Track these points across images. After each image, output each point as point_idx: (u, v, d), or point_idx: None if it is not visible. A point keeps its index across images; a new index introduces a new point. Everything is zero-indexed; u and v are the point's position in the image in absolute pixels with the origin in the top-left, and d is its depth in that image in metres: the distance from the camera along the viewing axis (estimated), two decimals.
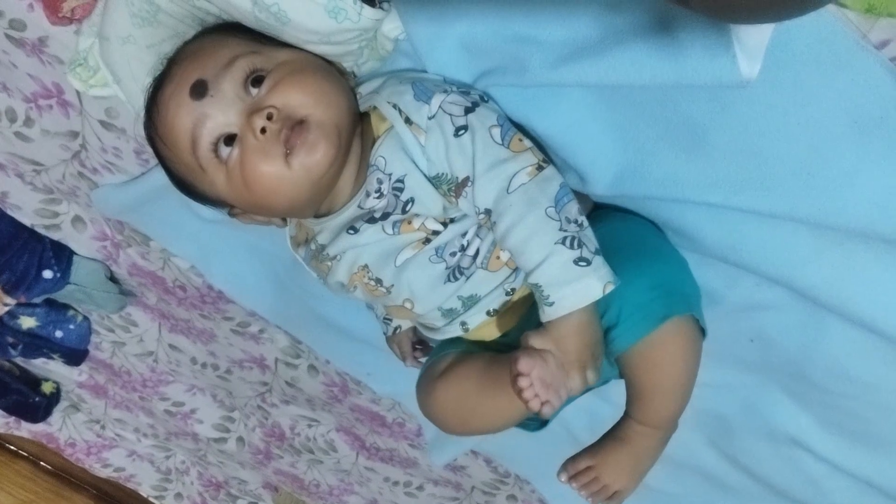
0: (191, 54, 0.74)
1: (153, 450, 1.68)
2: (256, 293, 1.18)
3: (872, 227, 0.71)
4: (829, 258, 0.78)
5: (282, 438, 1.51)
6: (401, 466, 1.46)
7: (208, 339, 1.33)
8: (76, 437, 1.66)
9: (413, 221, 0.77)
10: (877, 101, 0.65)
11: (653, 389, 0.82)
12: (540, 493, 1.36)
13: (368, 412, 1.36)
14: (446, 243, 0.78)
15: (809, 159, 0.70)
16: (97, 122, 0.98)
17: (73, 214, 1.19)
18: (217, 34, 0.76)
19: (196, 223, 1.03)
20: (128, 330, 1.38)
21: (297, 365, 1.33)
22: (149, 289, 1.27)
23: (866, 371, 0.87)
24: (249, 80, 0.71)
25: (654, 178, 0.78)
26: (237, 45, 0.73)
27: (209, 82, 0.71)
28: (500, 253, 0.79)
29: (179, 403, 1.52)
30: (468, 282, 0.80)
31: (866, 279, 0.78)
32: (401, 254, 0.78)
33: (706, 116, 0.70)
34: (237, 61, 0.71)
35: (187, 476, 1.72)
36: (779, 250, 0.79)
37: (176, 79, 0.73)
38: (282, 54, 0.74)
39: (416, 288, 0.80)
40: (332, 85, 0.74)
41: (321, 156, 0.71)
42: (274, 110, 0.70)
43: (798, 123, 0.68)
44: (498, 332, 0.87)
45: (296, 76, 0.72)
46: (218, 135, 0.72)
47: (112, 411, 1.61)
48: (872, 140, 0.67)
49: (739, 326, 0.91)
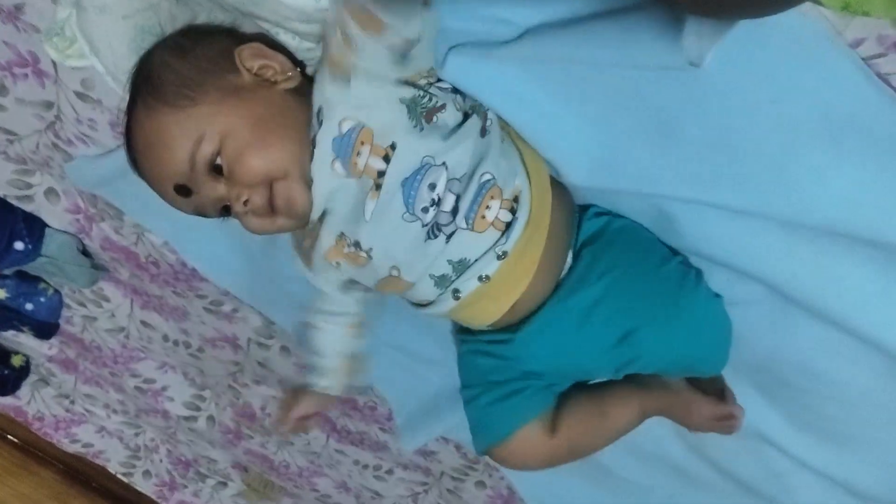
0: (146, 150, 0.79)
1: (122, 426, 1.67)
2: (229, 272, 1.18)
3: (844, 224, 0.72)
4: (801, 255, 0.78)
5: (252, 419, 1.51)
6: (371, 450, 1.46)
7: (181, 316, 1.32)
8: (45, 412, 1.64)
9: (357, 161, 0.76)
10: (849, 99, 0.65)
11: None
12: (508, 480, 1.36)
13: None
14: (409, 194, 0.76)
15: (781, 155, 0.70)
16: (73, 93, 0.97)
17: (46, 186, 1.18)
18: (147, 110, 0.78)
19: None
20: (99, 305, 1.37)
21: (269, 346, 1.32)
22: (121, 264, 1.26)
23: (834, 369, 0.88)
24: (213, 168, 0.77)
25: (628, 171, 0.78)
26: (180, 135, 0.76)
27: (189, 186, 0.78)
28: (486, 212, 0.78)
29: (150, 380, 1.51)
30: (453, 242, 0.79)
31: (837, 276, 0.78)
32: (366, 206, 0.78)
33: (679, 110, 0.70)
34: (196, 159, 0.76)
35: (156, 454, 1.72)
36: (751, 246, 0.80)
37: (152, 178, 0.81)
38: (221, 123, 0.76)
39: (397, 251, 0.80)
40: (273, 132, 0.77)
41: (301, 201, 0.78)
42: (245, 195, 0.77)
43: (770, 119, 0.68)
44: (492, 317, 0.86)
45: (244, 149, 0.76)
46: (216, 209, 0.81)
47: (82, 386, 1.60)
48: (844, 137, 0.67)
49: None
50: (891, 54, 0.63)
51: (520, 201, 0.80)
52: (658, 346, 0.83)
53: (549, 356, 0.88)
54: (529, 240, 0.81)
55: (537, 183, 0.82)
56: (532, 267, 0.83)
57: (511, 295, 0.84)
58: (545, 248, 0.83)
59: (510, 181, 0.80)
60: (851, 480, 0.99)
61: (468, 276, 0.81)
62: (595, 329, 0.84)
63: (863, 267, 0.77)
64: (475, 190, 0.77)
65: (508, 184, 0.79)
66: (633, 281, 0.84)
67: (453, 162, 0.76)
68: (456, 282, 0.82)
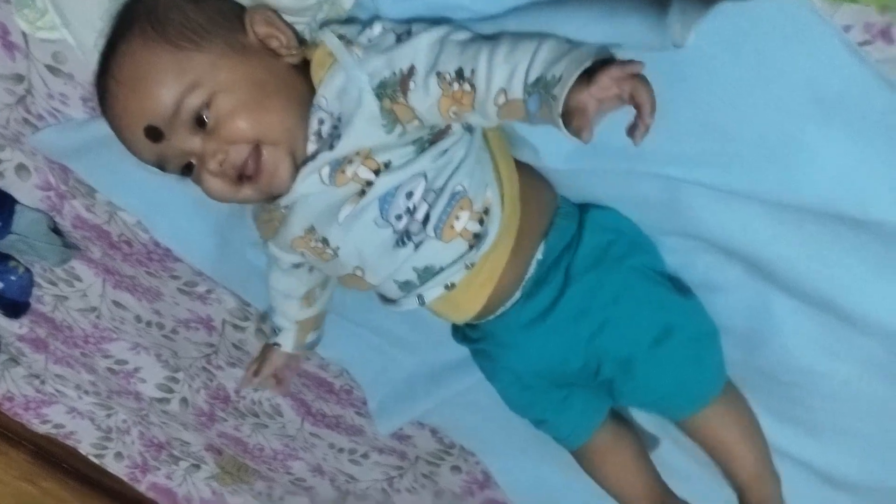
0: (130, 82, 0.75)
1: (94, 407, 1.65)
2: (203, 251, 1.16)
3: (832, 205, 0.72)
4: (788, 237, 0.78)
5: (226, 401, 1.50)
6: (346, 434, 1.46)
7: (154, 297, 1.31)
8: (14, 391, 1.62)
9: (346, 170, 0.75)
10: (838, 78, 0.65)
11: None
12: (484, 465, 1.36)
13: (316, 378, 1.35)
14: (386, 200, 0.76)
15: (770, 135, 0.70)
16: (44, 67, 0.95)
17: (16, 162, 1.15)
18: (145, 41, 0.75)
19: (142, 175, 0.99)
20: (71, 284, 1.34)
21: (244, 328, 1.31)
22: (94, 243, 1.24)
23: (811, 359, 0.89)
24: (196, 119, 0.74)
25: (613, 149, 0.78)
26: (174, 76, 0.73)
27: (163, 130, 0.75)
28: (455, 222, 0.78)
29: (122, 361, 1.49)
30: (420, 250, 0.79)
31: (825, 258, 0.79)
32: (342, 210, 0.77)
33: (666, 88, 0.70)
34: (183, 104, 0.73)
35: (128, 435, 1.70)
36: (737, 227, 0.80)
37: (125, 112, 0.76)
38: (220, 76, 0.74)
39: (365, 253, 0.79)
40: (273, 99, 0.76)
41: (284, 175, 0.76)
42: (223, 154, 0.74)
43: (759, 98, 0.68)
44: (461, 316, 0.87)
45: (238, 108, 0.74)
46: (179, 164, 0.78)
47: (53, 366, 1.58)
48: (833, 117, 0.67)
49: None
50: (878, 42, 0.63)
51: (490, 214, 0.80)
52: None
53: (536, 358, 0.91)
54: (496, 248, 0.82)
55: (510, 194, 0.82)
56: (496, 273, 0.84)
57: (477, 301, 0.85)
58: (511, 254, 0.84)
59: (481, 193, 0.79)
60: (831, 469, 1.00)
61: (434, 284, 0.81)
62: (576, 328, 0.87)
63: (850, 248, 0.77)
64: (446, 200, 0.77)
65: (479, 196, 0.79)
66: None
67: (434, 174, 0.76)
68: (420, 288, 0.82)
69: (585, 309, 0.86)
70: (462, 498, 1.46)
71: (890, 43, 0.63)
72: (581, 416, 0.97)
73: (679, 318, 0.87)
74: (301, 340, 1.03)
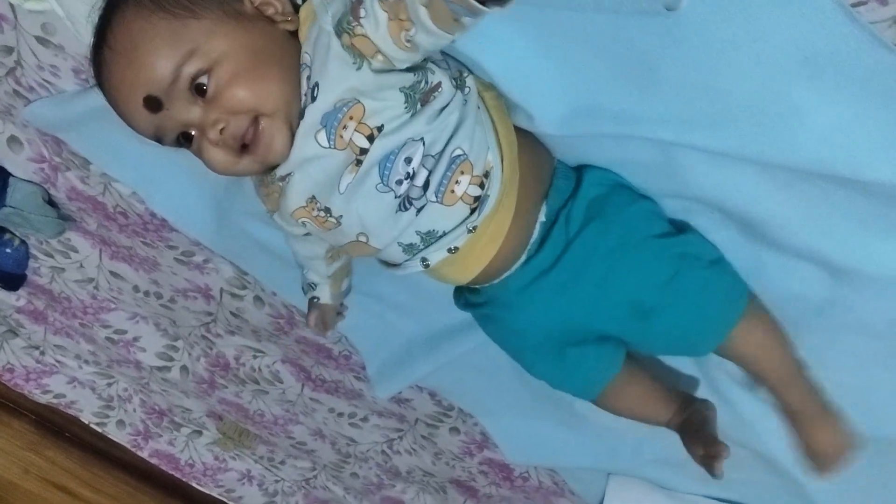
0: (127, 52, 0.74)
1: (94, 377, 1.66)
2: (199, 221, 1.16)
3: (822, 165, 0.72)
4: (779, 197, 0.79)
5: (226, 368, 1.51)
6: (346, 398, 1.47)
7: (151, 267, 1.31)
8: (14, 363, 1.63)
9: (343, 134, 0.75)
10: (828, 37, 0.65)
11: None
12: (482, 426, 1.38)
13: (315, 344, 1.36)
14: (385, 166, 0.76)
15: (760, 96, 0.70)
16: (33, 38, 0.94)
17: (8, 134, 1.14)
18: (140, 10, 0.74)
19: (136, 146, 0.99)
20: (67, 255, 1.34)
21: (242, 296, 1.31)
22: (89, 214, 1.24)
23: (804, 322, 0.90)
24: (195, 88, 0.74)
25: (607, 114, 0.78)
26: (171, 44, 0.73)
27: (162, 100, 0.74)
28: (455, 187, 0.78)
29: (121, 331, 1.50)
30: (422, 214, 0.79)
31: (815, 216, 0.79)
32: (342, 179, 0.77)
33: (658, 51, 0.70)
34: (181, 72, 0.73)
35: (129, 403, 1.71)
36: (730, 187, 0.80)
37: (122, 83, 0.76)
38: (218, 44, 0.73)
39: (367, 220, 0.80)
40: (270, 68, 0.75)
41: (281, 146, 0.76)
42: (224, 122, 0.74)
43: (749, 59, 0.68)
44: (465, 277, 0.88)
45: (237, 76, 0.74)
46: (178, 134, 0.78)
47: (52, 337, 1.58)
48: (823, 77, 0.67)
49: None
50: (871, 2, 0.62)
51: (490, 177, 0.80)
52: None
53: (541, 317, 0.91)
54: (497, 212, 0.82)
55: (509, 157, 0.82)
56: (500, 236, 0.84)
57: (480, 262, 0.86)
58: (514, 217, 0.84)
59: (481, 156, 0.79)
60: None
61: (437, 248, 0.82)
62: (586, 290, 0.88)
63: (839, 205, 0.78)
64: (446, 165, 0.77)
65: (479, 159, 0.79)
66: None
67: (431, 139, 0.76)
68: (424, 251, 0.83)
69: (588, 259, 0.86)
70: (461, 458, 1.48)
71: (884, 4, 0.63)
72: (596, 371, 0.97)
73: (690, 248, 0.87)
74: (336, 290, 1.06)
